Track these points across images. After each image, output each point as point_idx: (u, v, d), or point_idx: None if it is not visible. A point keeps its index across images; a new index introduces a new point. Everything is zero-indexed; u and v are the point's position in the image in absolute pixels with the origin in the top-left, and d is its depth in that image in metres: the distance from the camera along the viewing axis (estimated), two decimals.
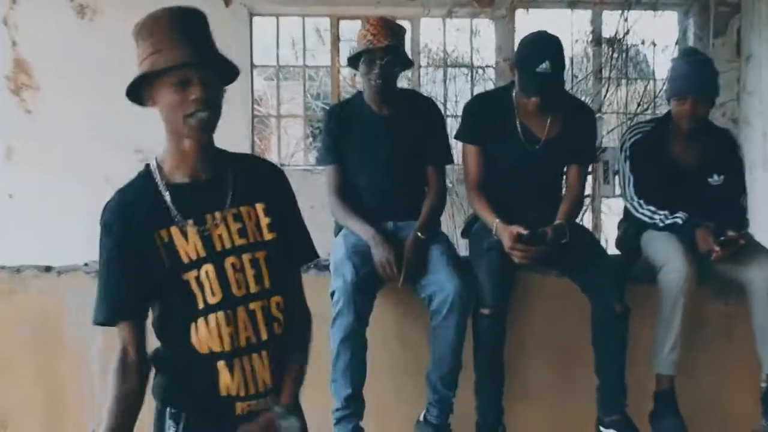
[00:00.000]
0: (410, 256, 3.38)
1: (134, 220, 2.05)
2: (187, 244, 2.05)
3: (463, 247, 4.11)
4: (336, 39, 6.91)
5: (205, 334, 2.04)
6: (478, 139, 3.65)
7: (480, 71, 7.04)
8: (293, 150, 8.47)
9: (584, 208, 3.89)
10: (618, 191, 6.74)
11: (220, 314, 2.04)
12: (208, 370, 2.06)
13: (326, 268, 3.61)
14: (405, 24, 3.71)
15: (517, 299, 3.47)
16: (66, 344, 3.50)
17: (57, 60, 6.56)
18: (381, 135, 3.59)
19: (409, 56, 3.67)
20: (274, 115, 7.38)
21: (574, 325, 3.52)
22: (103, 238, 2.07)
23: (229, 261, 2.07)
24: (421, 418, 3.46)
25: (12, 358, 3.49)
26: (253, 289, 2.09)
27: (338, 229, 3.69)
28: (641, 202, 3.69)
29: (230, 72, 2.13)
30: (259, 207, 2.15)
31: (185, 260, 2.04)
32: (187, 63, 1.97)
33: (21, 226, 6.48)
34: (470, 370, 3.39)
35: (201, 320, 2.04)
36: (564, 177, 3.84)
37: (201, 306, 2.04)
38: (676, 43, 7.16)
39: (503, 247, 3.40)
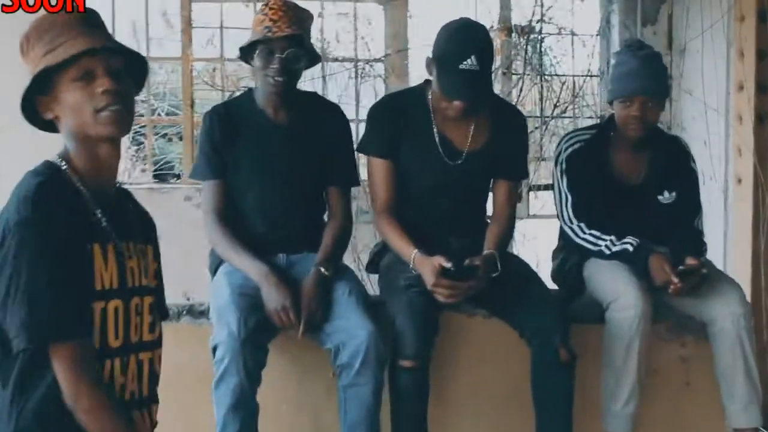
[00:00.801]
0: (311, 298, 3.34)
1: (72, 219, 2.01)
2: (105, 270, 2.07)
3: (370, 284, 4.09)
4: (188, 23, 6.85)
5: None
6: (389, 151, 3.64)
7: (366, 66, 7.07)
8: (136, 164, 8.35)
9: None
10: (535, 210, 6.95)
11: (117, 361, 2.09)
12: None
13: (202, 314, 3.58)
14: None
15: (437, 346, 3.47)
16: None
17: None
18: (275, 146, 3.55)
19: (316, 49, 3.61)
20: None
21: (509, 376, 3.60)
22: (37, 238, 1.95)
23: (134, 301, 2.15)
24: None
25: None
26: (146, 337, 2.19)
27: (215, 263, 3.64)
28: (582, 225, 3.76)
29: (140, 71, 2.24)
30: (149, 249, 2.30)
31: (98, 287, 2.05)
32: (91, 50, 2.01)
33: None
34: None
35: (107, 363, 2.07)
36: (489, 196, 3.84)
37: (97, 346, 2.04)
38: (598, 33, 7.36)
39: (424, 284, 3.40)
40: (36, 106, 2.11)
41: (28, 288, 1.91)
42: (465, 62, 3.39)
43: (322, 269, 3.42)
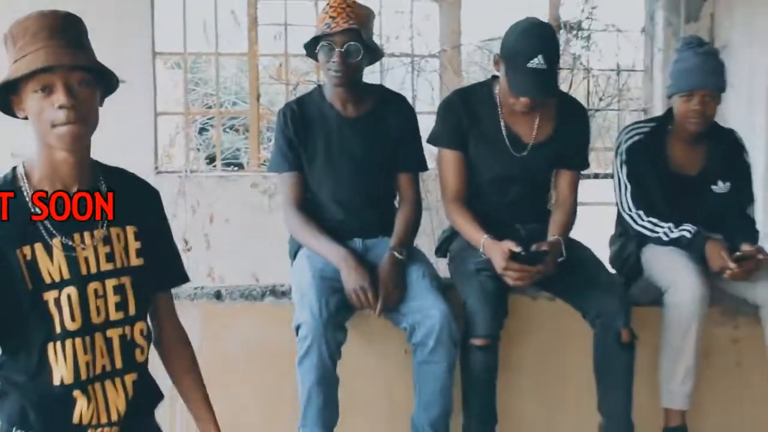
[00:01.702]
0: (387, 279, 3.35)
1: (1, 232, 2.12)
2: (51, 264, 2.14)
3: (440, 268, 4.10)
4: (254, 22, 6.87)
5: (61, 360, 2.14)
6: (460, 143, 3.65)
7: (422, 61, 7.06)
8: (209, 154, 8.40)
9: None
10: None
11: (78, 341, 2.16)
12: (63, 397, 2.17)
13: (284, 295, 3.61)
14: None
15: (508, 327, 3.47)
16: None
17: None
18: (346, 138, 3.56)
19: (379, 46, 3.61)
20: (181, 112, 7.29)
21: (571, 356, 3.60)
22: None
23: (92, 286, 2.19)
24: None
25: None
26: (113, 316, 2.23)
27: (294, 248, 3.65)
28: (641, 213, 3.76)
29: (108, 80, 2.22)
30: (130, 230, 2.30)
31: (47, 280, 2.13)
32: (48, 67, 2.03)
33: None
34: (457, 410, 3.41)
35: (58, 345, 2.14)
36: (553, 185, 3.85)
37: (58, 330, 2.13)
38: (643, 30, 7.33)
39: (493, 268, 3.42)
40: (9, 102, 2.16)
41: None
42: (533, 61, 3.39)
43: (396, 253, 3.43)
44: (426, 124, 3.81)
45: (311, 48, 3.57)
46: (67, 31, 2.11)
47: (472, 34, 7.04)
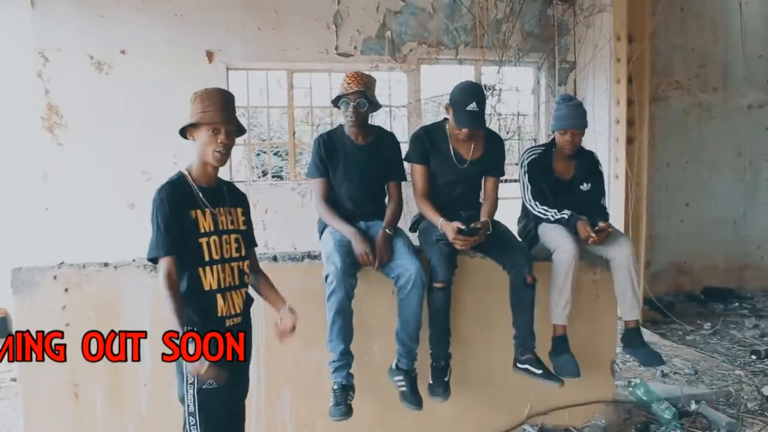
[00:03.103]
0: (381, 247, 3.32)
1: (180, 200, 2.45)
2: (205, 222, 2.49)
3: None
4: (290, 86, 6.80)
5: (209, 276, 2.47)
6: (424, 160, 3.62)
7: (396, 109, 7.01)
8: (263, 169, 8.33)
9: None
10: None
11: (217, 266, 2.49)
12: (210, 297, 2.47)
13: (316, 258, 3.56)
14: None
15: (455, 276, 3.45)
16: (122, 324, 3.34)
17: (80, 104, 6.28)
18: (358, 158, 3.51)
19: (378, 101, 3.56)
20: (244, 144, 7.20)
21: (496, 292, 3.55)
22: (160, 206, 2.41)
23: (224, 237, 2.53)
24: (394, 366, 3.42)
25: (81, 335, 3.31)
26: (234, 254, 2.56)
27: (321, 227, 3.59)
28: (537, 203, 3.74)
29: (241, 129, 2.62)
30: (239, 210, 2.66)
31: (202, 230, 2.47)
32: (219, 122, 2.47)
33: (54, 232, 6.20)
34: (425, 328, 3.38)
35: (207, 268, 2.46)
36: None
37: (207, 259, 2.46)
38: (533, 91, 7.30)
39: (447, 238, 3.40)
40: (186, 132, 2.54)
41: (154, 229, 2.43)
42: (470, 106, 3.41)
43: (387, 230, 3.40)
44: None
45: (336, 102, 3.52)
46: (228, 102, 2.53)
47: (426, 92, 6.98)
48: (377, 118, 6.84)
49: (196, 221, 2.46)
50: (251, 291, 2.74)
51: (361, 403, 3.31)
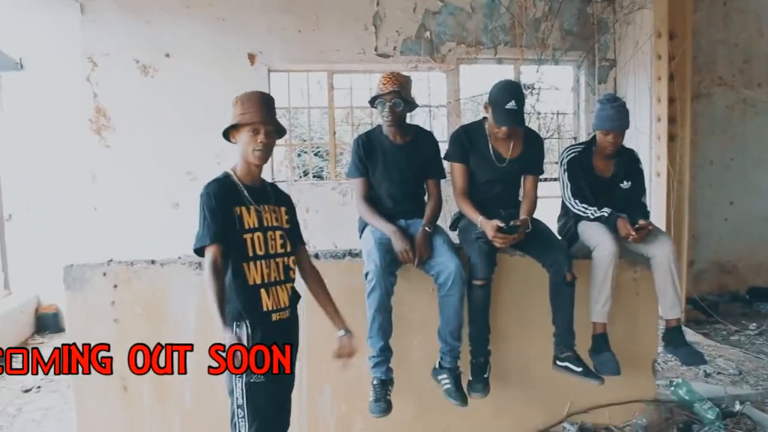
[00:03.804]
0: (421, 244, 3.33)
1: (226, 196, 2.51)
2: (249, 218, 2.53)
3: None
4: (331, 87, 6.87)
5: (253, 271, 2.50)
6: (464, 159, 3.61)
7: (435, 109, 7.02)
8: (304, 170, 8.41)
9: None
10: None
11: (262, 261, 2.53)
12: (255, 292, 2.50)
13: (357, 255, 3.59)
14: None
15: (495, 273, 3.44)
16: (168, 319, 3.43)
17: (128, 107, 6.46)
18: (396, 158, 3.52)
19: (414, 100, 3.57)
20: (286, 144, 7.29)
21: (535, 290, 3.54)
22: (207, 200, 2.48)
23: (269, 233, 2.57)
24: (437, 365, 3.42)
25: (130, 330, 3.41)
26: (279, 250, 2.60)
27: (362, 225, 3.61)
28: (576, 201, 3.72)
29: (281, 130, 2.68)
30: (282, 208, 2.71)
31: (246, 226, 2.52)
32: (258, 121, 2.54)
33: (103, 231, 6.37)
34: (465, 325, 3.38)
35: (251, 263, 2.50)
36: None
37: (251, 254, 2.50)
38: (572, 89, 7.24)
39: (486, 236, 3.40)
40: (228, 133, 2.62)
41: (201, 221, 2.47)
42: (509, 104, 3.39)
43: (427, 228, 3.40)
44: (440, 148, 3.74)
45: (372, 103, 3.54)
46: (268, 104, 2.59)
47: (466, 92, 6.96)
48: (416, 118, 6.87)
49: (240, 217, 2.50)
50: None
51: (401, 400, 3.34)
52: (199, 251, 2.47)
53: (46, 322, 6.35)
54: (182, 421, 3.48)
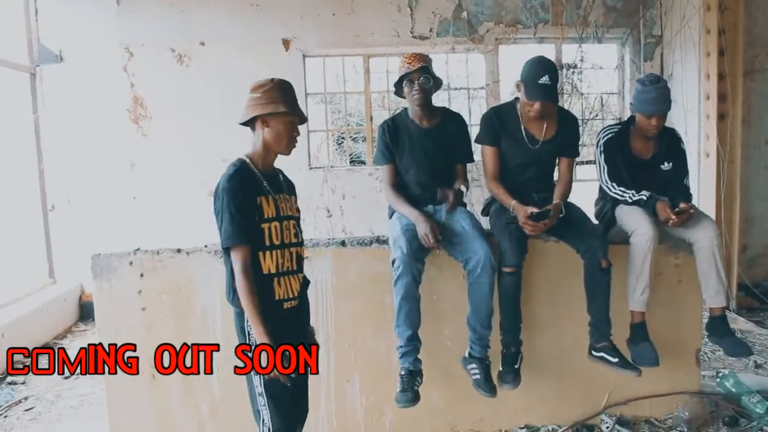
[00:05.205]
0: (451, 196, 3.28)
1: (249, 187, 2.47)
2: (268, 207, 2.50)
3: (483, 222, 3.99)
4: (367, 71, 6.80)
5: (268, 261, 2.48)
6: (495, 141, 3.51)
7: (474, 91, 6.88)
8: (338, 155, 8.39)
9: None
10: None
11: (277, 251, 2.50)
12: (268, 281, 2.48)
13: (385, 242, 3.54)
14: None
15: (527, 260, 3.35)
16: (195, 307, 3.44)
17: (164, 96, 6.53)
18: (423, 142, 3.45)
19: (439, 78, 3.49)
20: (324, 130, 7.25)
21: (570, 277, 3.44)
22: (234, 195, 2.41)
23: (284, 222, 2.54)
24: (467, 355, 3.35)
25: (156, 319, 3.43)
26: (292, 240, 2.59)
27: (391, 212, 3.55)
28: (614, 184, 3.58)
29: (303, 119, 2.64)
30: (293, 198, 2.69)
31: (266, 216, 2.49)
32: (299, 116, 2.58)
33: (142, 219, 6.46)
34: (496, 314, 3.30)
35: (267, 252, 2.48)
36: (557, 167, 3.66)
37: (268, 243, 2.48)
38: (616, 67, 7.02)
39: (518, 222, 3.31)
40: (254, 120, 2.55)
41: (227, 217, 2.40)
42: (542, 79, 3.28)
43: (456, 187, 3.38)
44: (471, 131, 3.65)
45: (398, 87, 3.47)
46: (291, 89, 2.59)
47: (505, 74, 6.82)
48: (455, 101, 6.76)
49: (261, 207, 2.47)
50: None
51: (432, 390, 3.29)
52: (227, 248, 2.44)
53: (90, 310, 6.46)
54: (210, 408, 3.49)
